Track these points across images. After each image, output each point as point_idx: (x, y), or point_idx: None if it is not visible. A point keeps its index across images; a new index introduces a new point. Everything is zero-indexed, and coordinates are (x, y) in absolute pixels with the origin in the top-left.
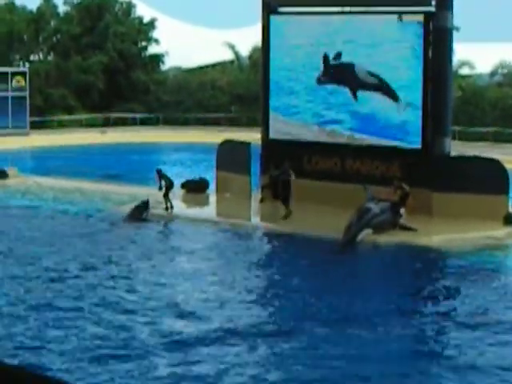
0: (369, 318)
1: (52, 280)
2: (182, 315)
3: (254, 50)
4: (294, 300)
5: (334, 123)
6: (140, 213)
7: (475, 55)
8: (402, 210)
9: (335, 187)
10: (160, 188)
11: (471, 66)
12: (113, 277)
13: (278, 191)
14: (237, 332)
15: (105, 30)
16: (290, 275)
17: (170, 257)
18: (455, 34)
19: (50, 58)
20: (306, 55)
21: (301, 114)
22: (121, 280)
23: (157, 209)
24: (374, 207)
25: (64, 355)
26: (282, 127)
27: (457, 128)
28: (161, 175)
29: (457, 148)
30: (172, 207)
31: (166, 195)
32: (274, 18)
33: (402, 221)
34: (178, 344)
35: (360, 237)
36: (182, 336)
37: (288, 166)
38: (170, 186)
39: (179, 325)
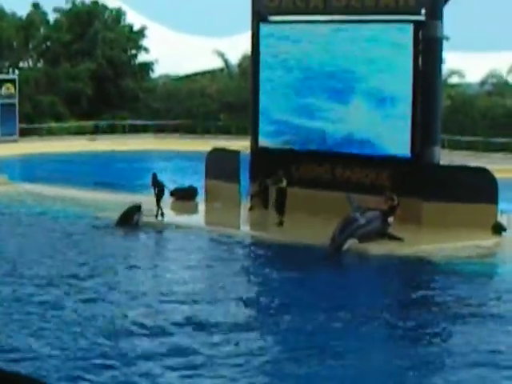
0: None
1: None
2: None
3: (244, 57)
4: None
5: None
6: (131, 217)
7: (465, 64)
8: (391, 220)
9: (325, 195)
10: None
11: (461, 75)
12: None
13: (267, 199)
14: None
15: (94, 36)
16: (275, 285)
17: (153, 265)
18: (445, 44)
19: (39, 65)
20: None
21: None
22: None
23: (147, 216)
24: (359, 218)
25: None
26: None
27: (445, 137)
28: (155, 180)
29: (444, 157)
30: (163, 215)
31: (158, 202)
32: (263, 27)
33: (390, 230)
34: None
35: (345, 246)
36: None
37: (282, 173)
38: (160, 192)
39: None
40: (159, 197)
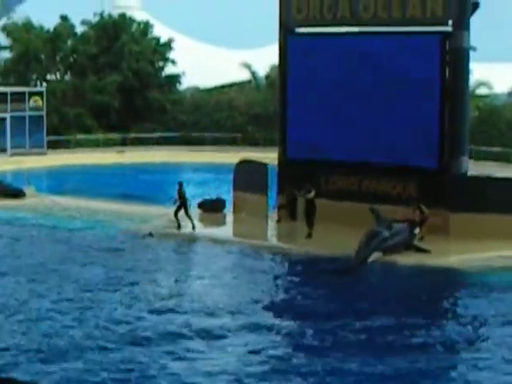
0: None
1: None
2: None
3: (271, 69)
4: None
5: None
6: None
7: (493, 75)
8: (417, 231)
9: (353, 207)
10: (174, 202)
11: (489, 86)
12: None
13: (295, 211)
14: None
15: (120, 49)
16: (301, 296)
17: (180, 275)
18: (472, 54)
19: (66, 77)
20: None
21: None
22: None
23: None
24: (383, 230)
25: None
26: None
27: (473, 147)
28: (180, 190)
29: (471, 168)
30: (194, 227)
31: (176, 214)
32: (291, 38)
33: (416, 242)
34: None
35: (370, 259)
36: None
37: (310, 185)
38: (182, 203)
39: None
40: (179, 208)
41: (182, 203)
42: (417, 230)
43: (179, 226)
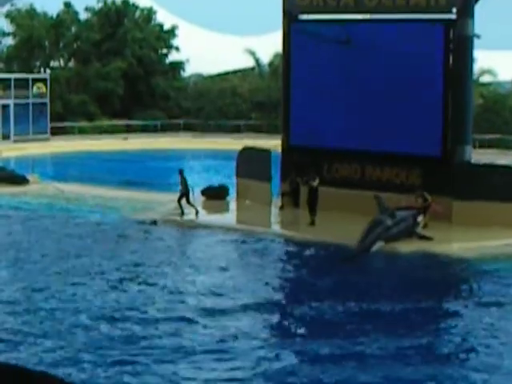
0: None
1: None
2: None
3: (275, 56)
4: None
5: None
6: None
7: (497, 63)
8: (420, 219)
9: (356, 194)
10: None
11: (493, 74)
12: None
13: (298, 198)
14: None
15: (124, 36)
16: (303, 283)
17: (181, 264)
18: (476, 42)
19: (70, 64)
20: (325, 63)
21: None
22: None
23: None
24: (386, 219)
25: None
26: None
27: (477, 136)
28: (181, 178)
29: (475, 156)
30: (197, 213)
31: (179, 201)
32: (294, 25)
33: (419, 229)
34: None
35: (374, 249)
36: None
37: (314, 172)
38: (184, 191)
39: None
40: (182, 196)
41: (184, 190)
42: (420, 218)
43: (182, 213)
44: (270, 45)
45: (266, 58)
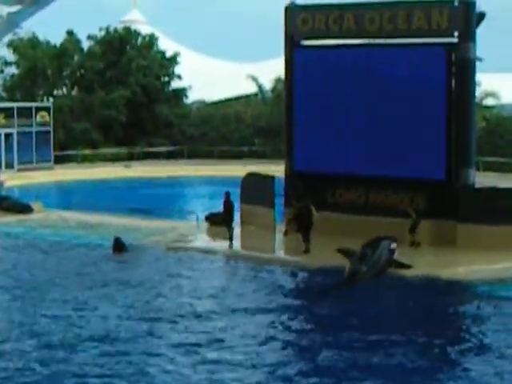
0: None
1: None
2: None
3: (277, 82)
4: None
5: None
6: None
7: (500, 86)
8: (394, 245)
9: (359, 220)
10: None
11: (496, 97)
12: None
13: (302, 224)
14: None
15: (127, 64)
16: (306, 312)
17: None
18: (479, 65)
19: (73, 92)
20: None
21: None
22: None
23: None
24: (360, 267)
25: None
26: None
27: (480, 158)
28: (227, 200)
29: (478, 179)
30: (231, 239)
31: (228, 226)
32: (296, 51)
33: (396, 256)
34: None
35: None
36: None
37: (310, 202)
38: (228, 214)
39: None
40: (230, 219)
41: (228, 214)
42: (394, 245)
43: (231, 239)
44: (269, 71)
45: (268, 83)
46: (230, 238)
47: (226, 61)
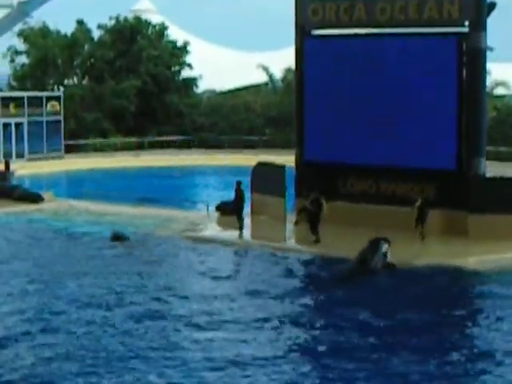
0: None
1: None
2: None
3: (288, 71)
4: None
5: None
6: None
7: (510, 75)
8: (385, 247)
9: (370, 209)
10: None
11: (506, 86)
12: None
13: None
14: None
15: (138, 53)
16: (318, 300)
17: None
18: (490, 55)
19: (84, 82)
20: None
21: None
22: None
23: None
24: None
25: None
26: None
27: (490, 148)
28: (238, 189)
29: (489, 168)
30: (241, 228)
31: (238, 215)
32: (307, 41)
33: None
34: None
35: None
36: None
37: (320, 195)
38: (238, 204)
39: None
40: (240, 209)
41: (239, 203)
42: (385, 247)
43: (241, 228)
44: (279, 60)
45: (279, 73)
46: (240, 228)
47: (236, 50)
